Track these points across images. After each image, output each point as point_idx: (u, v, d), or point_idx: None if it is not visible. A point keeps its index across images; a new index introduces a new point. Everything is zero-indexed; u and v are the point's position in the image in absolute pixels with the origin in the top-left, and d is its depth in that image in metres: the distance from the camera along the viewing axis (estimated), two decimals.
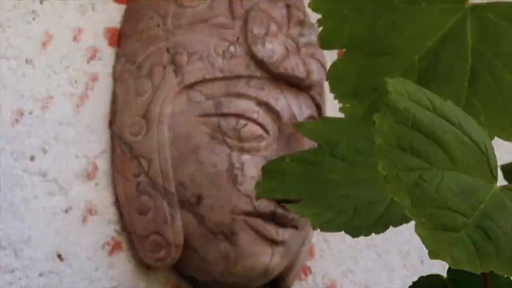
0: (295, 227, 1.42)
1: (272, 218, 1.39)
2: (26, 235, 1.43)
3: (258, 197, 0.85)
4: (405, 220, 0.76)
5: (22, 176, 1.46)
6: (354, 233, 0.78)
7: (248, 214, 1.38)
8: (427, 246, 0.69)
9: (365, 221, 0.80)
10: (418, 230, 0.68)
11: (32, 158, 1.44)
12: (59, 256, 1.45)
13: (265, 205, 1.36)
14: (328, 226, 0.80)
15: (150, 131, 1.44)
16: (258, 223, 1.38)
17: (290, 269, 1.52)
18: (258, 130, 1.47)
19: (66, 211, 1.43)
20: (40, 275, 1.46)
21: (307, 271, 1.64)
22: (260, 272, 1.44)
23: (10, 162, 1.44)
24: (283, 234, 1.39)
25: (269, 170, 0.89)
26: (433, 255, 0.68)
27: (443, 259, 0.71)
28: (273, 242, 1.39)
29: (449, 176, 0.72)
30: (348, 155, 0.84)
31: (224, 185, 1.38)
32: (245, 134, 1.45)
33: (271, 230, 1.38)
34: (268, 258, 1.41)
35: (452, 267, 0.69)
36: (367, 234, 0.81)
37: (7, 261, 1.43)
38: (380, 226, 0.83)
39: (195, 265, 1.44)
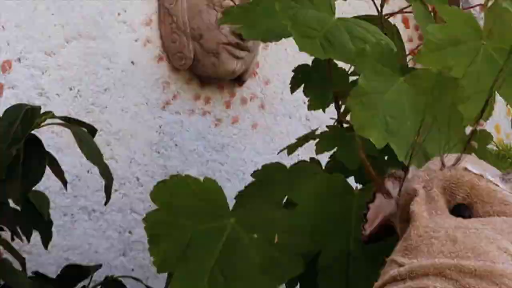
0: (248, 50, 1.89)
1: (237, 45, 1.85)
2: None
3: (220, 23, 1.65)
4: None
5: None
6: None
7: (226, 44, 1.83)
8: (297, 43, 1.14)
9: None
10: (296, 39, 1.15)
11: None
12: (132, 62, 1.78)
13: (233, 39, 1.82)
14: None
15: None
16: (230, 48, 1.84)
17: (246, 72, 1.96)
18: None
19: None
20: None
21: (255, 72, 2.04)
22: (231, 72, 1.89)
23: None
24: (242, 53, 1.88)
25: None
26: (301, 47, 1.14)
27: (308, 51, 1.16)
28: (237, 58, 1.86)
29: (311, 12, 1.22)
30: None
31: (214, 29, 1.83)
32: None
33: (237, 51, 1.86)
34: (235, 65, 1.87)
35: (303, 51, 1.14)
36: None
37: None
38: None
39: (200, 67, 1.87)
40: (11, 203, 1.16)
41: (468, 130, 1.00)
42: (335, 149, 1.31)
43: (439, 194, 0.79)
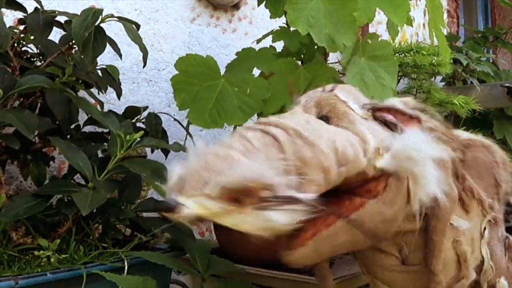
0: None
1: None
2: None
3: None
4: None
5: None
6: None
7: None
8: None
9: None
10: None
11: None
12: None
13: None
14: None
15: None
16: None
17: (240, 1, 1.88)
18: None
19: None
20: None
21: (246, 2, 1.98)
22: (231, 1, 1.82)
23: None
24: None
25: None
26: None
27: None
28: None
29: None
30: None
31: None
32: None
33: None
34: None
35: None
36: None
37: None
38: None
39: None
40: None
41: None
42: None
43: (313, 107, 0.72)
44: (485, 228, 0.78)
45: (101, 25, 1.03)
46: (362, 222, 0.64)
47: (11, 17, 1.30)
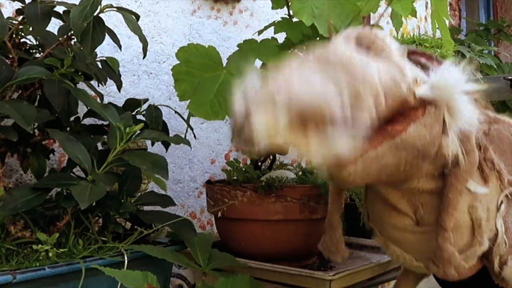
0: None
1: None
2: None
3: None
4: None
5: None
6: None
7: None
8: None
9: None
10: None
11: None
12: None
13: None
14: None
15: None
16: None
17: None
18: None
19: None
20: None
21: None
22: None
23: None
24: None
25: None
26: None
27: None
28: None
29: None
30: None
31: None
32: None
33: None
34: None
35: None
36: None
37: None
38: None
39: None
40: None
41: None
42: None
43: (353, 39, 0.72)
44: (501, 202, 0.78)
45: (101, 17, 1.00)
46: (406, 143, 0.65)
47: (9, 8, 1.28)
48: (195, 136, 1.52)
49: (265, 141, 0.58)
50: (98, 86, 1.21)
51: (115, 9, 1.03)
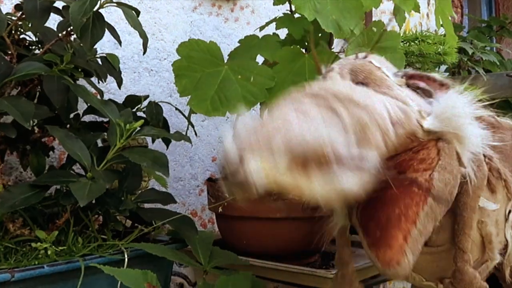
0: None
1: None
2: None
3: None
4: None
5: None
6: None
7: None
8: None
9: None
10: None
11: None
12: None
13: None
14: None
15: None
16: None
17: None
18: None
19: None
20: None
21: None
22: None
23: None
24: None
25: None
26: None
27: None
28: None
29: None
30: None
31: None
32: None
33: None
34: None
35: None
36: None
37: None
38: None
39: None
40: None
41: None
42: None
43: (348, 73, 0.70)
44: (510, 211, 0.76)
45: (101, 12, 1.00)
46: (438, 194, 0.62)
47: (9, 4, 1.26)
48: (196, 134, 1.50)
49: (263, 185, 0.53)
50: (98, 83, 1.20)
51: (115, 4, 1.01)
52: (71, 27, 1.00)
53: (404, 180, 0.63)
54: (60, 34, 1.05)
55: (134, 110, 1.18)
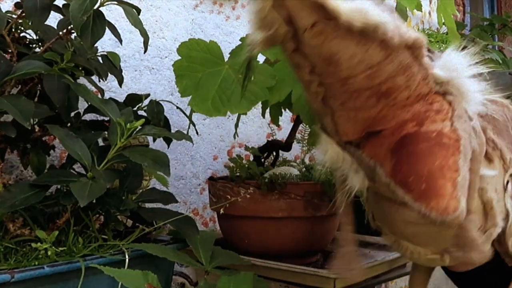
0: None
1: None
2: None
3: None
4: None
5: None
6: None
7: None
8: None
9: None
10: None
11: None
12: None
13: None
14: None
15: None
16: None
17: None
18: None
19: None
20: None
21: None
22: None
23: None
24: None
25: None
26: None
27: None
28: None
29: None
30: None
31: None
32: None
33: None
34: None
35: None
36: None
37: None
38: None
39: None
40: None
41: None
42: None
43: None
44: (508, 182, 0.75)
45: (101, 10, 0.99)
46: (465, 142, 0.62)
47: (9, 2, 1.25)
48: (197, 132, 1.49)
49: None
50: (99, 81, 1.19)
51: (115, 2, 1.00)
52: (72, 25, 0.99)
53: (430, 133, 0.62)
54: (60, 32, 1.04)
55: (135, 108, 1.17)
